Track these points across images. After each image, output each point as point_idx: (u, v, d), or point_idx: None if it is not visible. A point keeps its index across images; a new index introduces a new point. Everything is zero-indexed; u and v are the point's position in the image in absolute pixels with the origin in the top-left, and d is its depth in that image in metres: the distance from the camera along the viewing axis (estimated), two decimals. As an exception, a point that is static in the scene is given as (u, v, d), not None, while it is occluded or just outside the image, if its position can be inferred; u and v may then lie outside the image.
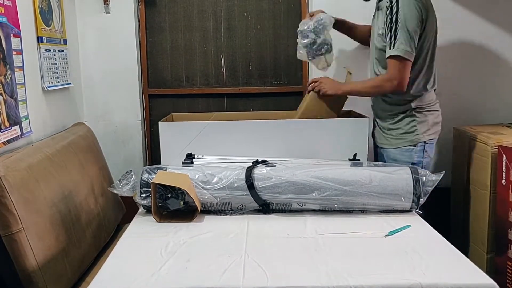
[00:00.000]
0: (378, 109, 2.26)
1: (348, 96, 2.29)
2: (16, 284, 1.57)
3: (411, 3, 1.98)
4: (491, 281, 1.24)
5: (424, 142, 2.12)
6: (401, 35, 1.97)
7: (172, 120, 2.40)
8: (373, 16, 2.27)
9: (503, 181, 2.08)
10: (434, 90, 2.19)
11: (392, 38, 1.99)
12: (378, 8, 2.19)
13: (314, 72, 2.76)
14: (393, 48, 1.99)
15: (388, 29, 2.01)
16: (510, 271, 2.07)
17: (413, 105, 2.12)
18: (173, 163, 1.94)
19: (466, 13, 2.69)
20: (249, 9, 2.80)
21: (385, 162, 2.18)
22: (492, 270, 2.19)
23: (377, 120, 2.28)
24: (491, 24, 2.70)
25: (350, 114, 2.45)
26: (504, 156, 2.07)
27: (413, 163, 2.10)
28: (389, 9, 2.01)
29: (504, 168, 2.07)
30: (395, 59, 2.00)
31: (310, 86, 2.29)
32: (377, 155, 2.30)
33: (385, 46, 2.05)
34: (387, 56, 2.03)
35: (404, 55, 1.98)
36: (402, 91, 2.05)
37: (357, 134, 2.14)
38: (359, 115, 2.32)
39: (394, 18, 1.99)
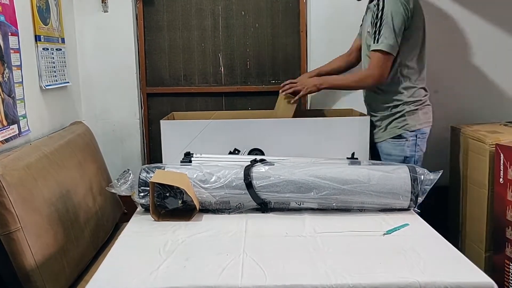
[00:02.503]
0: (371, 102, 2.30)
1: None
2: (14, 283, 1.57)
3: (397, 1, 2.05)
4: (489, 280, 1.24)
5: (416, 135, 2.16)
6: (385, 30, 2.05)
7: (173, 119, 2.40)
8: (362, 19, 2.35)
9: (501, 179, 2.08)
10: (424, 87, 2.23)
11: (377, 33, 2.07)
12: (367, 9, 2.27)
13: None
14: (377, 42, 2.07)
15: (373, 25, 2.09)
16: (507, 269, 2.08)
17: (404, 98, 2.17)
18: (174, 161, 1.94)
19: (464, 12, 2.69)
20: (247, 7, 2.80)
21: (381, 158, 2.24)
22: (490, 269, 2.20)
23: (370, 113, 2.30)
24: (489, 23, 2.70)
25: (351, 112, 2.45)
26: (502, 154, 2.07)
27: (405, 157, 2.16)
28: (376, 6, 2.09)
29: (501, 166, 2.08)
30: (378, 53, 2.08)
31: (286, 86, 2.32)
32: (374, 152, 2.31)
33: None
34: (370, 49, 2.11)
35: (387, 49, 2.06)
36: (383, 83, 2.14)
37: (357, 133, 2.15)
38: (360, 114, 2.32)
39: (379, 14, 2.07)
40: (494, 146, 2.14)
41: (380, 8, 2.06)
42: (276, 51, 2.84)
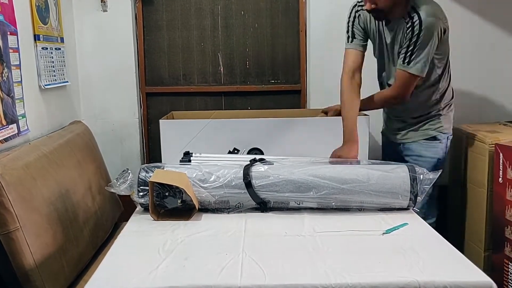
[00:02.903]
0: (409, 107, 2.19)
1: None
2: (13, 282, 1.57)
3: (437, 26, 1.97)
4: (488, 279, 1.24)
5: (447, 137, 2.17)
6: (419, 54, 1.96)
7: (173, 118, 2.39)
8: (377, 34, 2.18)
9: (500, 179, 2.08)
10: (452, 88, 2.24)
11: (409, 54, 1.98)
12: (388, 29, 2.11)
13: (312, 71, 2.76)
14: (409, 64, 1.98)
15: (406, 45, 1.99)
16: (507, 269, 2.08)
17: (441, 103, 2.17)
18: (173, 161, 1.94)
19: (463, 11, 2.69)
20: (247, 7, 2.80)
21: (405, 159, 2.18)
22: (489, 268, 2.20)
23: (403, 115, 2.23)
24: (489, 23, 2.70)
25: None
26: (501, 154, 2.07)
27: (439, 159, 2.14)
28: (410, 27, 1.97)
29: (501, 166, 2.08)
30: (407, 73, 2.00)
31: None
32: (393, 154, 2.26)
33: None
34: (398, 67, 2.02)
35: (417, 73, 1.99)
36: (405, 103, 2.10)
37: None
38: (359, 113, 2.32)
39: (415, 39, 1.96)
40: (493, 145, 2.14)
41: (417, 29, 1.95)
42: (275, 51, 2.84)
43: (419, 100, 2.14)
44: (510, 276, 2.06)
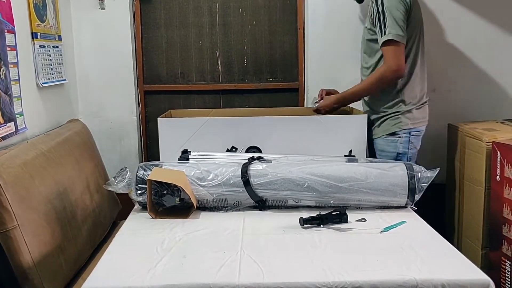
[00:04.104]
0: (369, 101, 2.30)
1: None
2: (11, 281, 1.57)
3: None
4: (486, 277, 1.25)
5: (409, 132, 2.17)
6: (390, 21, 2.03)
7: (171, 117, 2.39)
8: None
9: (497, 177, 2.09)
10: (423, 86, 2.23)
11: (382, 26, 2.04)
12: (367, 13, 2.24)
13: (310, 69, 2.76)
14: (385, 34, 2.03)
15: (377, 20, 2.07)
16: (504, 267, 2.09)
17: (400, 97, 2.18)
18: (171, 159, 1.94)
19: (460, 10, 2.69)
20: (245, 5, 2.80)
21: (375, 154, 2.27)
22: (487, 266, 2.20)
23: (369, 110, 2.31)
24: (486, 21, 2.70)
25: (350, 111, 2.45)
26: (498, 152, 2.08)
27: (398, 153, 2.17)
28: (374, 2, 2.09)
29: (498, 164, 2.08)
30: (389, 44, 2.04)
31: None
32: (372, 149, 2.33)
33: (373, 36, 2.13)
34: (380, 44, 2.08)
35: (396, 38, 2.02)
36: (402, 74, 2.09)
37: (355, 130, 2.15)
38: (358, 112, 2.33)
39: (380, 9, 2.05)
40: (491, 144, 2.15)
41: (379, 3, 2.06)
42: (273, 48, 2.84)
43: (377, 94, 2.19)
44: (507, 274, 2.07)
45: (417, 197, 1.73)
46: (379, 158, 2.19)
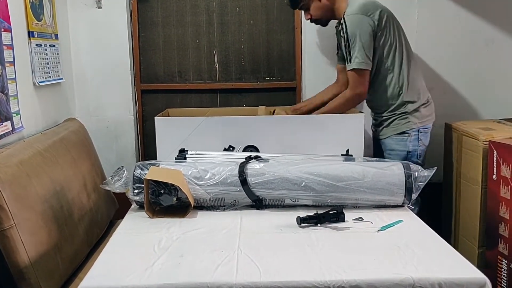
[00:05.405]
0: (374, 103, 2.35)
1: None
2: (8, 280, 1.57)
3: (359, 20, 2.14)
4: (482, 275, 1.25)
5: (418, 130, 2.24)
6: (354, 49, 2.14)
7: (168, 116, 2.39)
8: (337, 46, 2.45)
9: (494, 176, 2.09)
10: (421, 87, 2.28)
11: (347, 53, 2.17)
12: (336, 35, 2.37)
13: (307, 68, 2.76)
14: (351, 62, 2.17)
15: (343, 46, 2.19)
16: (500, 265, 2.10)
17: (405, 99, 2.24)
18: (169, 158, 1.94)
19: (457, 9, 2.70)
20: (242, 4, 2.79)
21: (383, 154, 2.32)
22: (483, 264, 2.21)
23: (375, 111, 2.37)
24: (483, 20, 2.71)
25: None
26: (495, 151, 2.09)
27: (408, 151, 2.24)
28: (341, 29, 2.19)
29: (495, 163, 2.09)
30: (353, 72, 2.17)
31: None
32: (378, 149, 2.39)
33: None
34: (347, 70, 2.21)
35: (359, 66, 2.15)
36: (365, 98, 2.26)
37: (352, 130, 2.15)
38: (355, 111, 2.33)
39: (345, 37, 2.16)
40: (487, 143, 2.15)
41: (344, 30, 2.15)
42: (271, 47, 2.84)
43: (379, 92, 2.26)
44: (504, 273, 2.07)
45: (414, 196, 1.73)
46: (388, 158, 2.24)
